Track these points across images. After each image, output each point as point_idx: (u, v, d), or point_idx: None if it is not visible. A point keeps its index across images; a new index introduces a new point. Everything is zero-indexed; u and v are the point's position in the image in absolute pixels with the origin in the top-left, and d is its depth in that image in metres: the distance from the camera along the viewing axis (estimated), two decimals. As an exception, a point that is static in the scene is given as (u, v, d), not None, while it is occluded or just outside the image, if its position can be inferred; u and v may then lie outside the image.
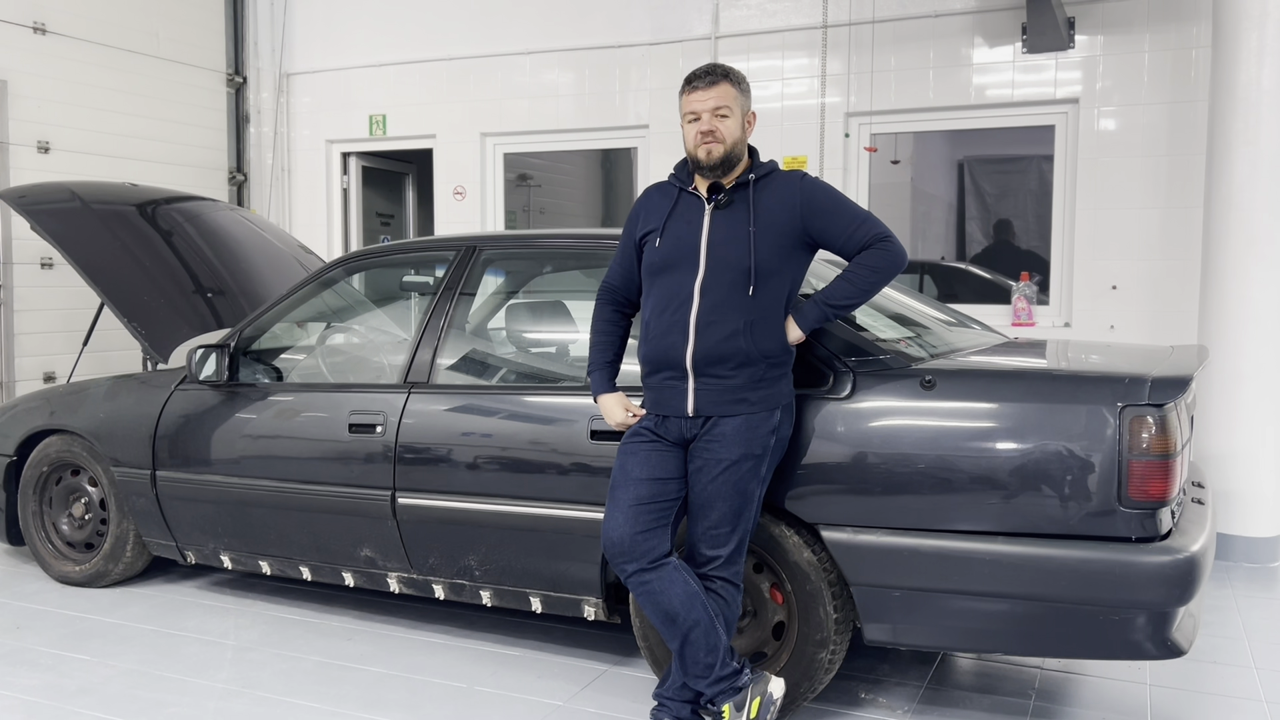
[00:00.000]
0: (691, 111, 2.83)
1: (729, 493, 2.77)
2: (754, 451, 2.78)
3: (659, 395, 2.87)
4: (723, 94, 2.81)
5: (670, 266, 2.84)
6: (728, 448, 2.77)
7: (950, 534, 2.83)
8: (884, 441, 2.90)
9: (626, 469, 2.85)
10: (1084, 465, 2.71)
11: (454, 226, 7.55)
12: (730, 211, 2.83)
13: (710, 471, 2.78)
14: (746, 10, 6.60)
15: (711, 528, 2.79)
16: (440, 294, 3.76)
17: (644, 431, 2.89)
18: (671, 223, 2.87)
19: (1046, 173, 6.21)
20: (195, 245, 5.27)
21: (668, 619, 2.75)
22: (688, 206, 2.88)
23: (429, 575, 3.65)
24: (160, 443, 4.13)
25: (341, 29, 7.81)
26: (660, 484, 2.81)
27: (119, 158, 6.99)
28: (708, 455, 2.79)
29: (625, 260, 3.03)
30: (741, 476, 2.78)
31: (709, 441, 2.79)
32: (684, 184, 2.92)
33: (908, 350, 3.12)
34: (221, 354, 4.00)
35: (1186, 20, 5.60)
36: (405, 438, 3.59)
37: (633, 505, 2.78)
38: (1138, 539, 2.68)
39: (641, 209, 2.99)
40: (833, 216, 2.83)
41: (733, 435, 2.77)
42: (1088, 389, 2.77)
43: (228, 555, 4.08)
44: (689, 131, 2.84)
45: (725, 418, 2.77)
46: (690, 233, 2.84)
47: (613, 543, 2.79)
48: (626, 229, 3.02)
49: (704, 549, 2.81)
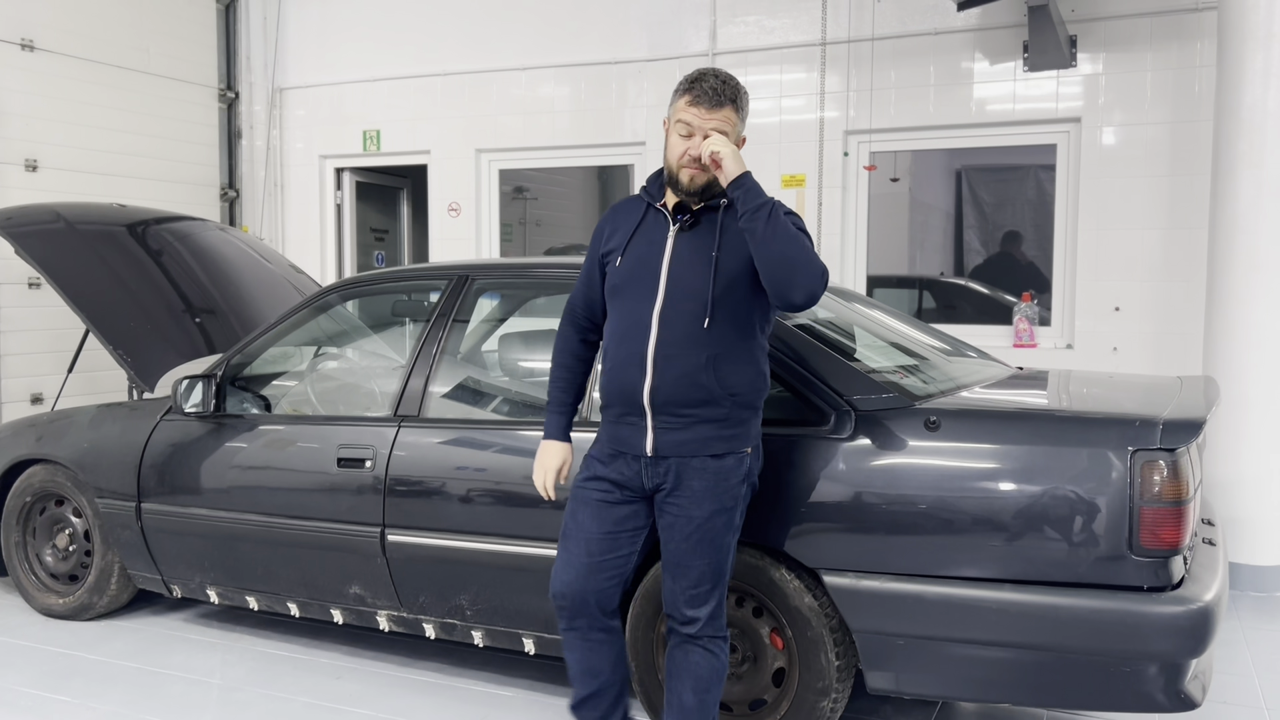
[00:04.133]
0: (685, 123, 2.54)
1: (705, 549, 2.59)
2: (726, 505, 2.59)
3: (615, 431, 2.66)
4: (725, 119, 2.54)
5: (629, 290, 2.62)
6: (698, 504, 2.57)
7: (956, 580, 2.74)
8: (887, 484, 2.81)
9: (578, 518, 2.68)
10: (1093, 511, 2.63)
11: (449, 243, 7.46)
12: (695, 234, 2.60)
13: (682, 529, 2.59)
14: (744, 27, 6.53)
15: (690, 587, 2.61)
16: (432, 324, 3.67)
17: (599, 479, 2.68)
18: (634, 242, 2.64)
19: (1045, 182, 6.14)
20: (184, 267, 5.18)
21: (590, 674, 2.73)
22: (653, 225, 2.65)
23: (419, 614, 3.55)
24: (146, 474, 4.04)
25: (335, 43, 7.73)
26: (613, 539, 2.65)
27: (109, 175, 6.90)
28: (677, 512, 2.59)
29: (588, 279, 2.78)
30: (716, 532, 2.59)
31: (677, 497, 2.59)
32: (653, 199, 2.69)
33: (910, 388, 3.03)
34: (208, 384, 3.91)
35: (1189, 39, 5.53)
36: (395, 472, 3.50)
37: (585, 560, 2.65)
38: (1149, 588, 2.60)
39: (607, 224, 2.76)
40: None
41: (703, 491, 2.57)
42: (1097, 432, 2.68)
43: (214, 590, 3.99)
44: (675, 145, 2.57)
45: (691, 471, 2.57)
46: (652, 254, 2.61)
47: (562, 595, 2.68)
48: (591, 245, 2.80)
49: (685, 609, 2.63)
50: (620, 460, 2.66)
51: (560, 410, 2.84)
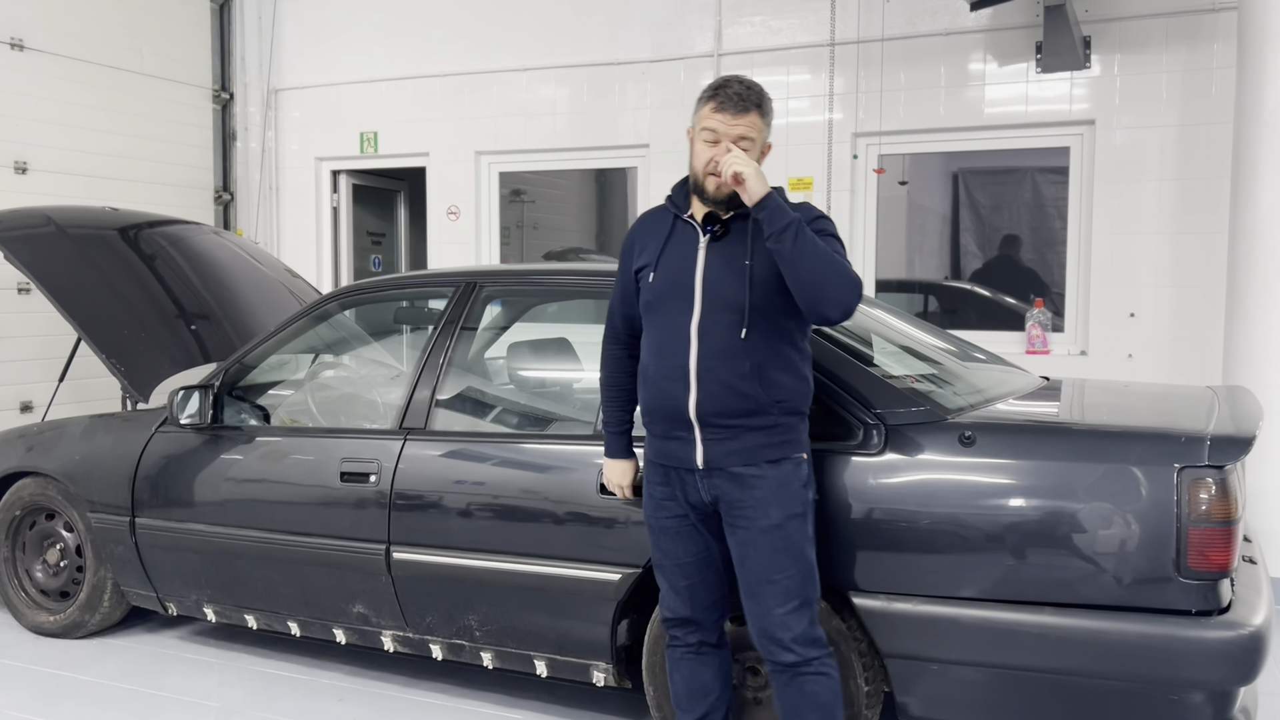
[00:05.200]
0: (711, 130, 2.51)
1: (784, 560, 2.49)
2: (796, 510, 2.51)
3: (664, 446, 2.61)
4: (751, 124, 2.52)
5: (665, 305, 2.57)
6: (765, 512, 2.49)
7: (993, 603, 2.62)
8: (920, 502, 2.69)
9: (664, 547, 2.67)
10: (1138, 531, 2.51)
11: (448, 247, 7.33)
12: (727, 244, 2.55)
13: (755, 542, 2.50)
14: (750, 27, 6.41)
15: (778, 605, 2.49)
16: (438, 333, 3.54)
17: (666, 504, 2.64)
18: (666, 256, 2.59)
19: (1042, 184, 6.05)
20: (178, 272, 5.04)
21: (700, 694, 2.72)
22: (682, 238, 2.60)
23: (426, 635, 3.42)
24: (140, 487, 3.90)
25: (332, 43, 7.59)
26: (705, 559, 2.65)
27: (100, 178, 6.75)
28: (747, 524, 2.51)
29: (624, 295, 2.74)
30: (792, 540, 2.50)
31: (742, 509, 2.51)
32: (680, 209, 2.63)
33: (942, 400, 2.91)
34: (205, 395, 3.77)
35: (1206, 40, 5.43)
36: (401, 487, 3.36)
37: (686, 584, 2.65)
38: (1197, 612, 2.48)
39: (635, 239, 2.71)
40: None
41: (767, 498, 2.49)
42: (1141, 448, 2.56)
43: (211, 608, 3.85)
44: (700, 151, 2.53)
45: (749, 480, 2.50)
46: (684, 267, 2.56)
47: (677, 620, 2.70)
48: (622, 261, 2.75)
49: (779, 632, 2.49)
50: (674, 476, 2.61)
51: (620, 430, 2.82)
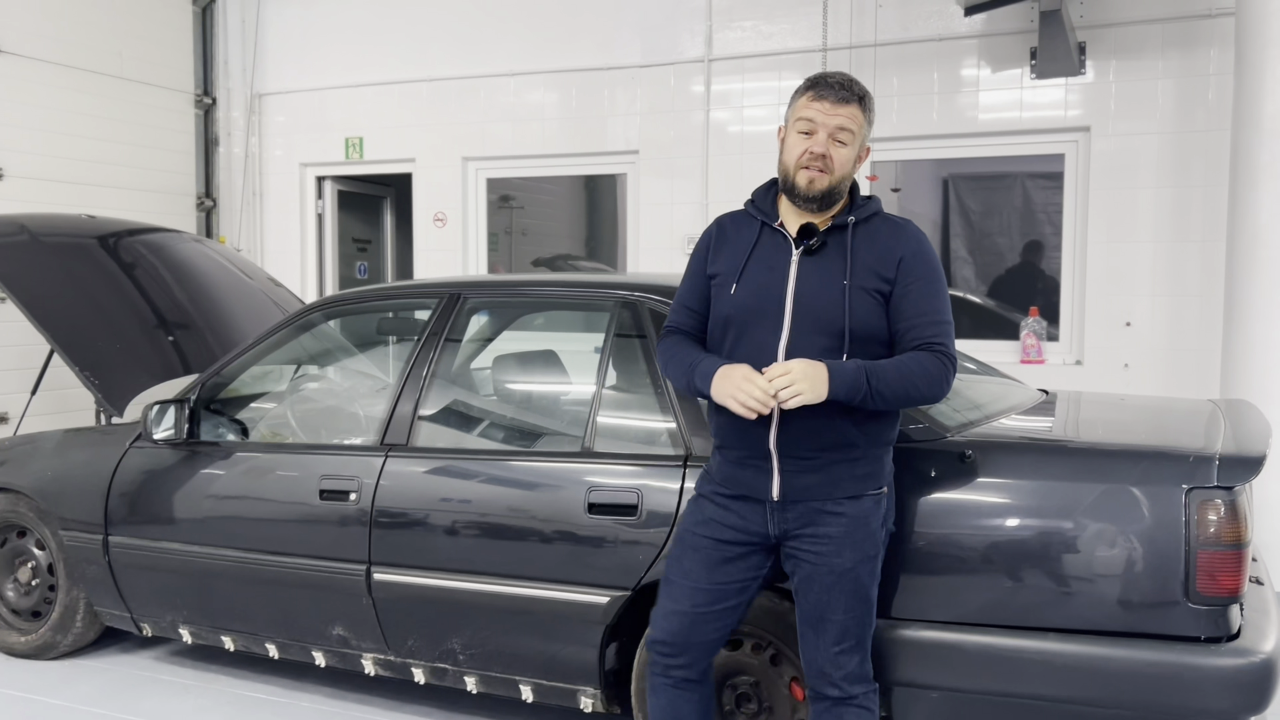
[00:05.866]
0: (808, 120, 2.33)
1: (849, 602, 2.35)
2: (869, 553, 2.36)
3: (735, 473, 2.41)
4: (851, 116, 2.33)
5: (748, 320, 2.36)
6: (839, 553, 2.33)
7: (994, 629, 2.53)
8: (919, 523, 2.59)
9: (684, 565, 2.45)
10: (1145, 554, 2.42)
11: (434, 254, 7.22)
12: (822, 259, 2.36)
13: (823, 580, 2.35)
14: (741, 32, 6.33)
15: (834, 644, 2.37)
16: (421, 346, 3.44)
17: (713, 523, 2.44)
18: (752, 266, 2.38)
19: (1032, 190, 5.98)
20: (157, 282, 4.92)
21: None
22: (772, 248, 2.40)
23: (408, 658, 3.31)
24: (114, 504, 3.78)
25: (317, 47, 7.48)
26: (721, 590, 2.43)
27: (80, 184, 6.63)
28: (816, 561, 2.35)
29: (694, 299, 2.49)
30: (860, 583, 2.36)
31: (814, 544, 2.34)
32: (768, 217, 2.44)
33: (940, 417, 2.82)
34: (180, 410, 3.66)
35: (1203, 45, 5.36)
36: (382, 506, 3.26)
37: (690, 611, 2.43)
38: (1207, 639, 2.39)
39: (713, 241, 2.49)
40: (919, 295, 2.33)
41: (842, 537, 2.33)
42: (1148, 468, 2.48)
43: (187, 629, 3.73)
44: (794, 144, 2.35)
45: (826, 516, 2.34)
46: (774, 281, 2.36)
47: (664, 644, 2.48)
48: (694, 263, 2.52)
49: (829, 669, 2.39)
50: (741, 503, 2.42)
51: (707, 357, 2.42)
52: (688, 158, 6.48)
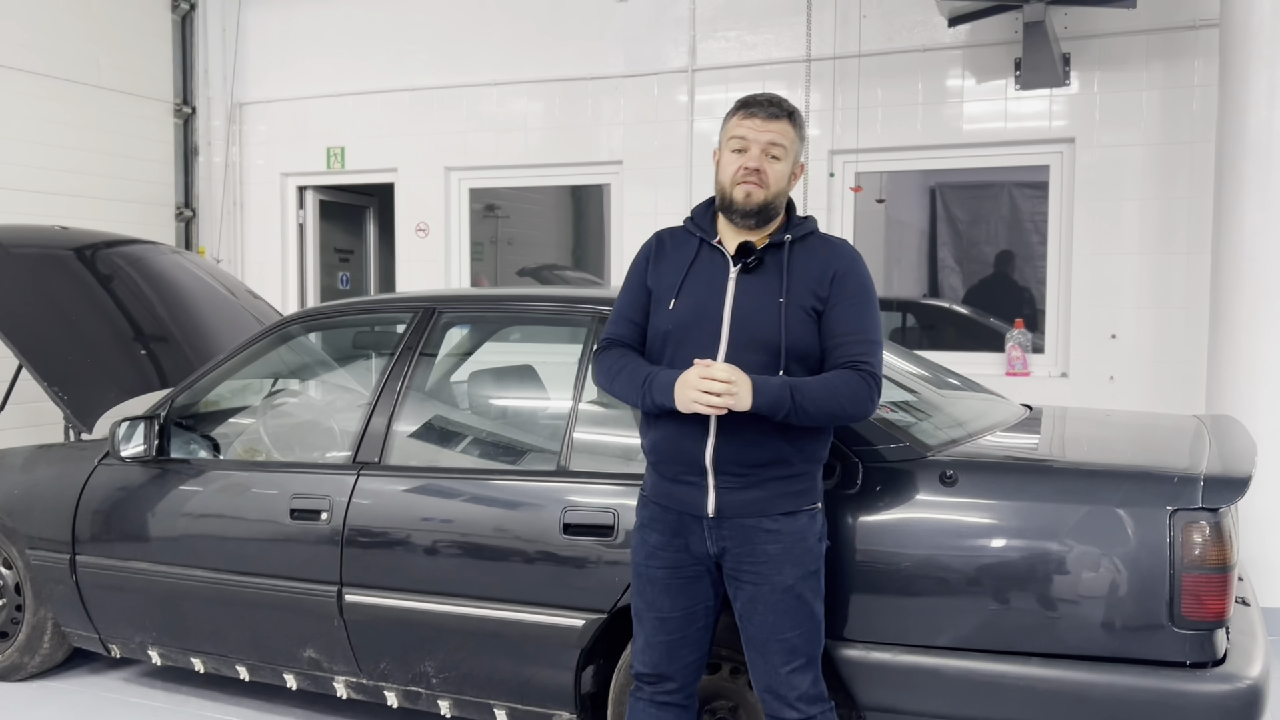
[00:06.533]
0: (740, 138, 2.38)
1: (795, 620, 2.34)
2: (810, 568, 2.36)
3: (671, 489, 2.41)
4: (782, 132, 2.38)
5: (685, 337, 2.36)
6: (780, 570, 2.33)
7: (975, 653, 2.47)
8: (899, 544, 2.55)
9: (648, 597, 2.46)
10: (1129, 577, 2.37)
11: (417, 265, 7.15)
12: (759, 277, 2.37)
13: (766, 600, 2.34)
14: (725, 42, 6.29)
15: (784, 664, 2.35)
16: (395, 362, 3.37)
17: (660, 553, 2.43)
18: (690, 282, 2.40)
19: (1019, 199, 5.95)
20: (133, 294, 4.83)
21: None
22: (710, 265, 2.41)
23: (380, 681, 3.24)
24: (81, 523, 3.70)
25: (298, 56, 7.41)
26: (688, 616, 2.44)
27: (55, 194, 6.53)
28: (757, 581, 2.34)
29: (636, 310, 2.47)
30: (805, 600, 2.35)
31: (753, 564, 2.34)
32: (707, 235, 2.45)
33: (922, 435, 2.77)
34: (150, 426, 3.58)
35: (1187, 57, 5.34)
36: (354, 526, 3.19)
37: (665, 639, 2.45)
38: (1192, 664, 2.35)
39: (652, 256, 2.50)
40: (848, 313, 2.35)
41: (780, 555, 2.33)
42: (1131, 488, 2.43)
43: (156, 650, 3.65)
44: (729, 162, 2.39)
45: (763, 533, 2.33)
46: (711, 298, 2.37)
47: (649, 675, 2.49)
48: (633, 275, 2.52)
49: (784, 691, 2.36)
50: (674, 520, 2.42)
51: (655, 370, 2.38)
52: (672, 168, 6.43)
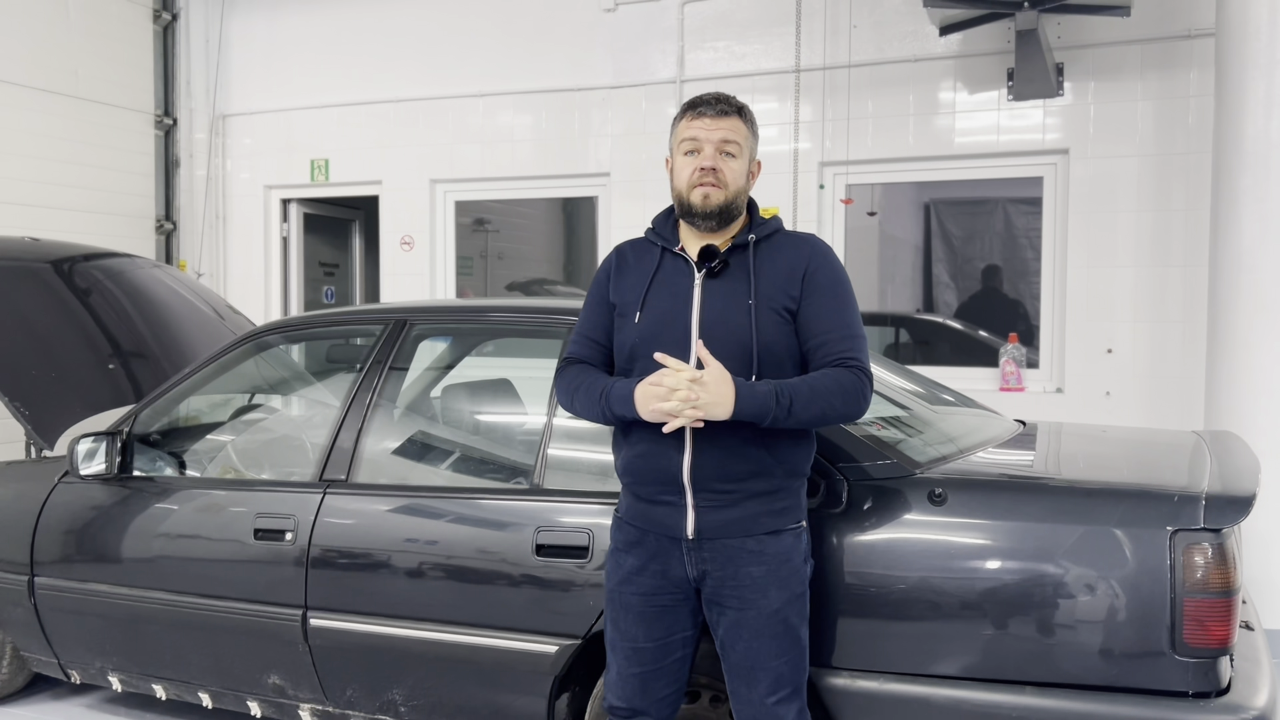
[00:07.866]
0: (691, 139, 2.27)
1: (781, 646, 2.22)
2: (796, 591, 2.25)
3: (647, 511, 2.29)
4: (734, 128, 2.27)
5: (652, 350, 2.22)
6: (764, 594, 2.21)
7: (967, 682, 2.34)
8: (885, 566, 2.42)
9: (621, 627, 2.32)
10: (1128, 602, 2.25)
11: (402, 278, 7.04)
12: (725, 280, 2.27)
13: (751, 625, 2.22)
14: (714, 53, 6.20)
15: (769, 693, 2.23)
16: (363, 376, 3.25)
17: (636, 579, 2.30)
18: (654, 293, 2.29)
19: (1013, 215, 5.86)
20: (109, 308, 4.69)
21: None
22: (674, 273, 2.31)
23: (346, 709, 3.10)
24: (40, 543, 3.56)
25: (282, 68, 7.32)
26: (664, 646, 2.31)
27: (32, 206, 6.41)
28: (740, 605, 2.22)
29: (597, 329, 2.37)
30: (790, 624, 2.23)
31: (736, 589, 2.22)
32: (668, 243, 2.34)
33: (910, 452, 2.64)
34: (111, 444, 3.45)
35: (1182, 67, 5.26)
36: (319, 546, 3.06)
37: (639, 671, 2.31)
38: (1195, 694, 2.22)
39: (612, 271, 2.39)
40: (827, 309, 2.25)
41: (765, 578, 2.21)
42: (1130, 509, 2.31)
43: (117, 676, 3.51)
44: (682, 166, 2.29)
45: (746, 555, 2.21)
46: (678, 307, 2.26)
47: (622, 709, 2.36)
48: (594, 293, 2.41)
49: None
50: (651, 543, 2.29)
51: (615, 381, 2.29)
52: (660, 180, 6.27)
